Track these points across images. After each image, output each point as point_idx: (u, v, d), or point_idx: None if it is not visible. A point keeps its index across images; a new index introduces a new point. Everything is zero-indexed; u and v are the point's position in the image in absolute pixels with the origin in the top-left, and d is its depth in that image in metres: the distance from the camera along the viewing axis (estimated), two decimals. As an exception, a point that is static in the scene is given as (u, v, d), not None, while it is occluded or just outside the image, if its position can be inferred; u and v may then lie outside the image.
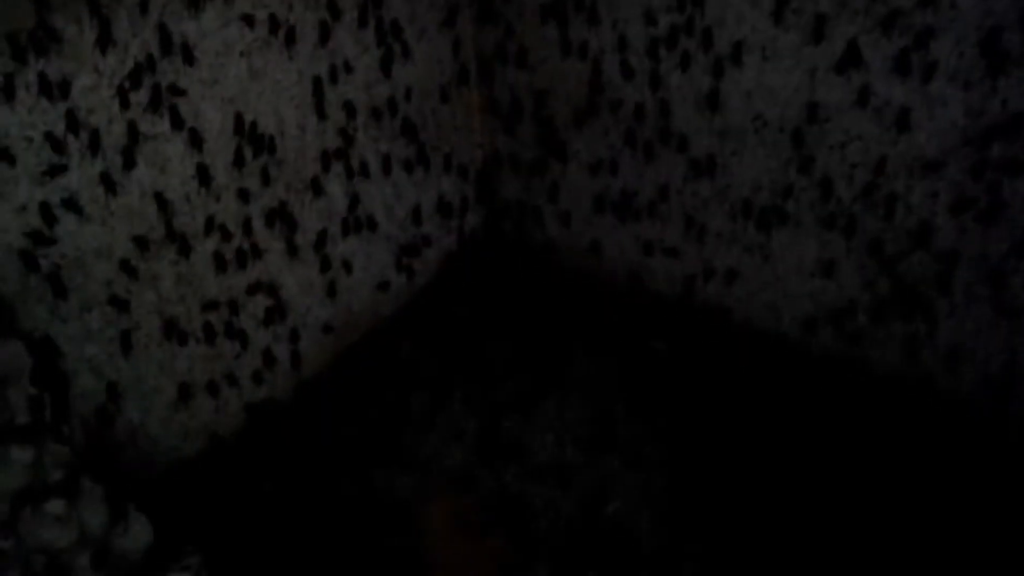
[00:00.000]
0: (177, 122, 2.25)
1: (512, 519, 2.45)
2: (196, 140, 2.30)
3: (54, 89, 1.98)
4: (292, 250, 2.63)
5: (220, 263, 2.44)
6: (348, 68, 2.63)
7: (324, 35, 2.52)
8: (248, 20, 2.31)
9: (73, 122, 2.03)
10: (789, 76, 2.40)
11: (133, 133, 2.15)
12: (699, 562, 2.30)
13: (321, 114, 2.60)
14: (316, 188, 2.65)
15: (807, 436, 2.59)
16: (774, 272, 2.70)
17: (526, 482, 2.55)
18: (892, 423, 2.59)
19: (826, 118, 2.39)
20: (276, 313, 2.62)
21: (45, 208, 2.01)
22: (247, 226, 2.47)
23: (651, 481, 2.50)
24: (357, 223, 2.81)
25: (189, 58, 2.22)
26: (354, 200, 2.78)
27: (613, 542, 2.38)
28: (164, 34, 2.14)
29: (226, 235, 2.43)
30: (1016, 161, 2.15)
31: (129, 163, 2.16)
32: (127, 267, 2.23)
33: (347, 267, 2.82)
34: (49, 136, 2.00)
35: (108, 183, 2.13)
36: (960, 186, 2.27)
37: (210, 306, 2.45)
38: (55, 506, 1.70)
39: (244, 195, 2.44)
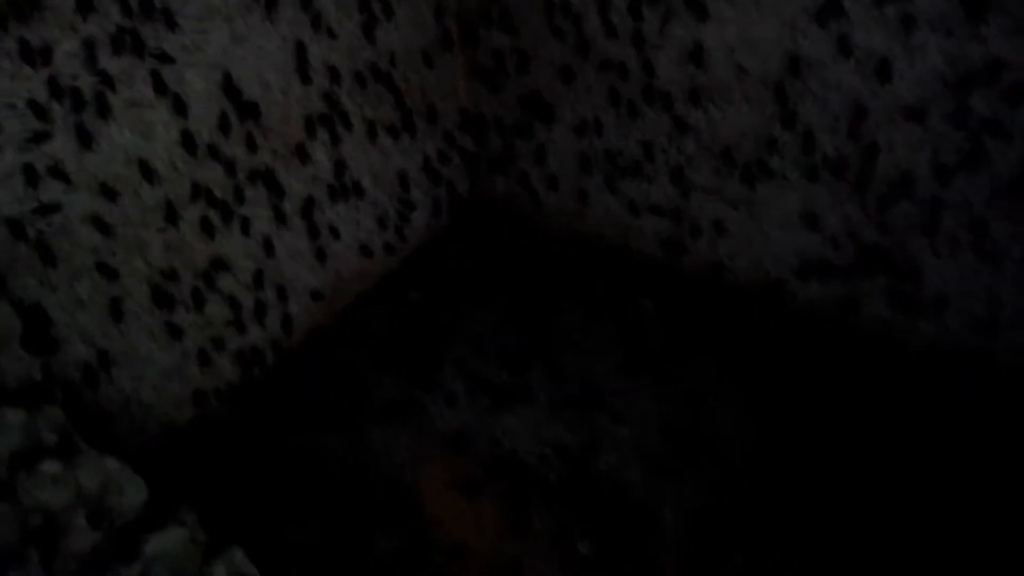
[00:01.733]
0: (160, 88, 2.25)
1: (506, 476, 2.48)
2: (180, 106, 2.30)
3: (36, 56, 1.98)
4: (280, 216, 2.64)
5: (208, 230, 2.44)
6: (331, 33, 2.63)
7: (306, 0, 2.51)
8: (228, -16, 2.31)
9: (56, 89, 2.03)
10: (770, 28, 2.41)
11: (116, 100, 2.15)
12: (686, 512, 2.34)
13: (305, 79, 2.60)
14: (302, 154, 2.66)
15: (794, 387, 2.63)
16: (759, 226, 2.72)
17: (518, 440, 2.58)
18: (880, 372, 2.62)
19: (808, 70, 2.40)
20: (265, 280, 2.63)
21: (30, 173, 2.02)
22: (233, 193, 2.48)
23: (640, 436, 2.53)
24: (344, 189, 2.82)
25: (171, 24, 2.22)
26: (340, 166, 2.78)
27: (604, 494, 2.41)
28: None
29: (213, 202, 2.43)
30: (995, 108, 2.17)
31: (112, 129, 2.16)
32: (114, 234, 2.23)
33: (335, 233, 2.83)
34: (32, 103, 2.00)
35: (92, 149, 2.13)
36: (942, 135, 2.29)
37: (200, 273, 2.46)
38: (50, 466, 1.72)
39: (230, 161, 2.45)
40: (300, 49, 2.55)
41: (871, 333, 2.65)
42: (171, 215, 2.35)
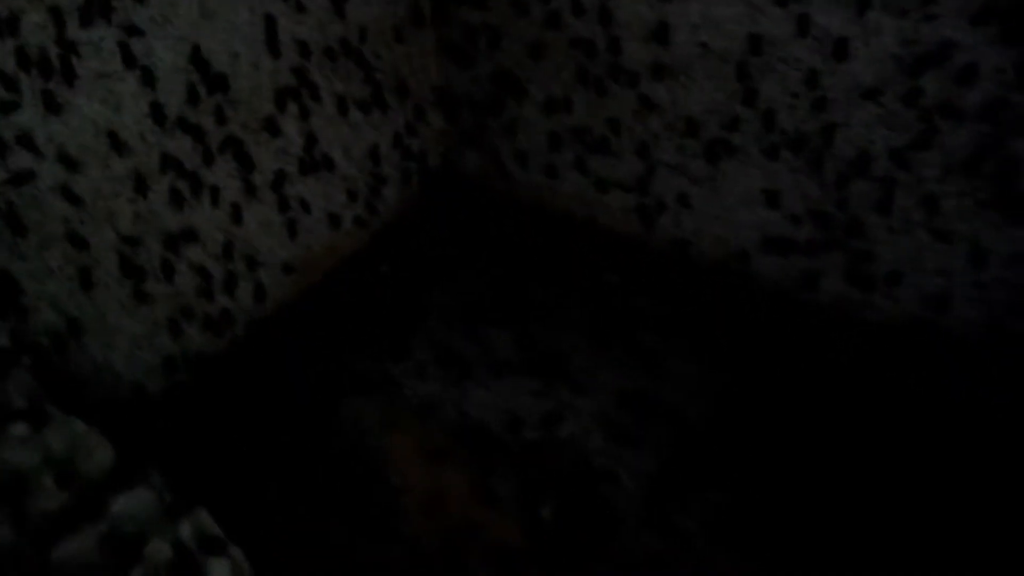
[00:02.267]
0: (129, 60, 2.27)
1: (472, 444, 2.54)
2: (149, 78, 2.33)
3: (3, 26, 2.00)
4: (250, 189, 2.67)
5: (177, 201, 2.47)
6: (300, 7, 2.65)
7: (274, -27, 2.54)
8: (197, -43, 2.33)
9: (24, 59, 2.05)
10: (732, 8, 2.45)
11: (84, 71, 2.17)
12: (645, 479, 2.41)
13: (275, 53, 2.62)
14: (272, 128, 2.69)
15: (753, 360, 2.70)
16: (722, 202, 2.78)
17: (485, 410, 2.64)
18: (837, 345, 2.70)
19: (769, 49, 2.45)
20: (235, 252, 2.67)
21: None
22: (203, 164, 2.51)
23: (602, 405, 2.60)
24: (314, 163, 2.85)
25: (139, -4, 2.24)
26: (310, 140, 2.82)
27: (566, 462, 2.48)
28: (112, -30, 2.16)
29: (182, 173, 2.46)
30: (946, 89, 2.23)
31: (80, 100, 2.19)
32: (83, 204, 2.26)
33: (305, 207, 2.87)
34: (0, 73, 2.02)
35: (60, 120, 2.15)
36: (896, 114, 2.35)
37: (169, 244, 2.49)
38: (19, 429, 1.76)
39: (199, 134, 2.47)
40: (270, 23, 2.57)
41: (829, 307, 2.72)
42: (140, 186, 2.38)
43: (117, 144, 2.30)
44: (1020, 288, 2.37)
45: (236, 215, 2.64)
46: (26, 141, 2.11)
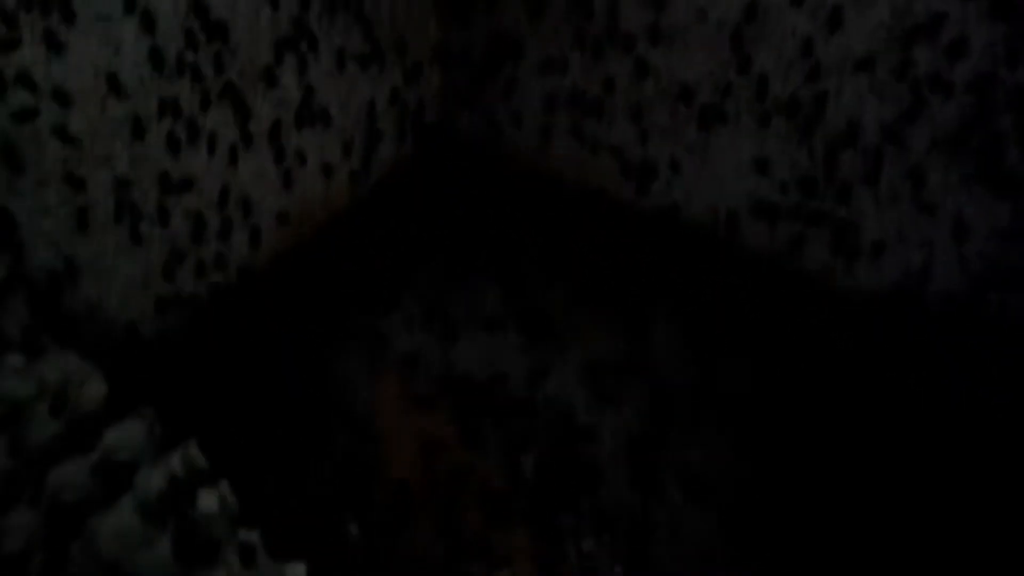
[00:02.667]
0: (130, 4, 2.28)
1: (458, 395, 2.59)
2: (149, 23, 2.34)
3: (4, -37, 2.02)
4: (246, 138, 2.69)
5: (174, 146, 2.50)
6: (302, -42, 2.67)
7: (277, -78, 2.55)
8: (199, -98, 2.34)
9: (24, -3, 2.07)
10: (730, -25, 2.48)
11: (84, 12, 2.19)
12: (626, 434, 2.47)
13: (274, 4, 2.63)
14: (270, 78, 2.70)
15: (738, 325, 2.75)
16: (713, 169, 2.82)
17: (471, 362, 2.69)
18: (820, 313, 2.75)
19: (764, 17, 2.48)
20: (231, 199, 2.70)
21: (-1, 80, 2.07)
22: (200, 111, 2.53)
23: (587, 364, 2.65)
24: (311, 115, 2.87)
25: (140, -61, 2.25)
26: (308, 92, 2.84)
27: (551, 418, 2.53)
28: (114, -88, 2.17)
29: (179, 119, 2.49)
30: (936, 62, 2.27)
31: (80, 41, 2.20)
32: (81, 145, 2.29)
33: (301, 158, 2.89)
34: (0, 10, 2.04)
35: (61, 60, 2.17)
36: (887, 86, 2.38)
37: (165, 188, 2.52)
38: (14, 360, 1.80)
39: (197, 80, 2.49)
40: (271, -28, 2.58)
41: (813, 276, 2.77)
42: (138, 129, 2.40)
43: (116, 87, 2.32)
44: (1000, 262, 2.42)
45: (232, 163, 2.67)
46: (25, 79, 2.12)
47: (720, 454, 2.47)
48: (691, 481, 2.42)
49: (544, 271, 2.98)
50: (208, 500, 1.80)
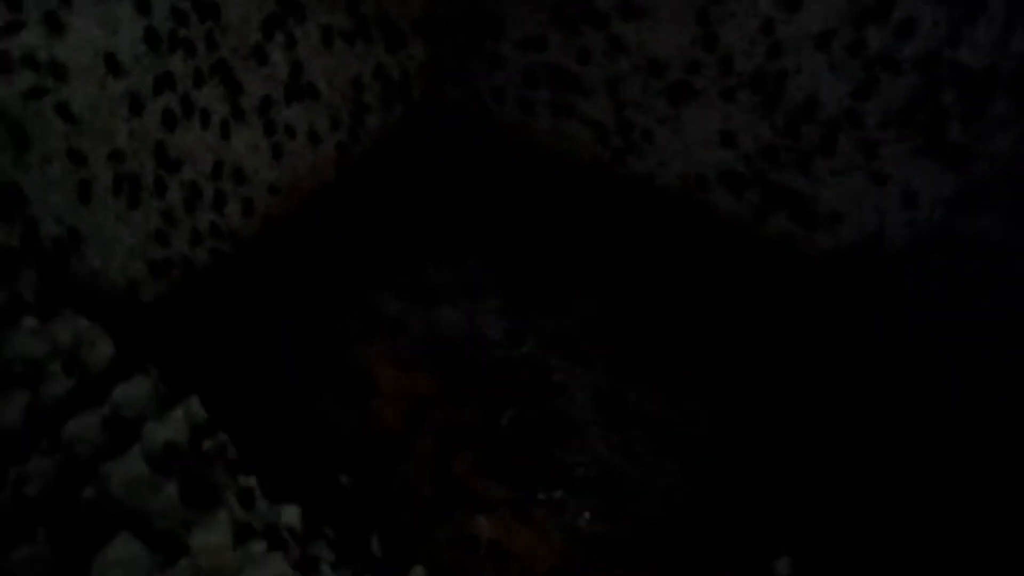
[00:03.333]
0: (126, -14, 2.41)
1: (440, 356, 2.77)
2: (144, 5, 2.47)
3: (8, -51, 2.14)
4: (238, 113, 2.83)
5: (170, 122, 2.64)
6: (289, -61, 2.79)
7: (264, -94, 2.66)
8: None
9: (28, -18, 2.20)
10: (696, -43, 2.61)
11: (84, -5, 2.32)
12: (605, 394, 2.65)
13: (263, -17, 2.76)
14: (259, 55, 2.84)
15: (706, 288, 2.92)
16: (684, 140, 2.97)
17: (454, 327, 2.86)
18: (782, 277, 2.92)
19: (728, -2, 2.62)
20: (224, 171, 2.84)
21: (5, 60, 2.20)
22: (194, 87, 2.67)
23: (561, 325, 2.82)
24: (299, 90, 3.01)
25: (135, -76, 2.37)
26: (296, 68, 2.97)
27: (527, 376, 2.71)
28: (110, -101, 2.29)
29: (174, 95, 2.62)
30: (886, 41, 2.41)
31: (80, 23, 2.33)
32: (82, 121, 2.42)
33: (290, 132, 3.03)
34: (6, -6, 2.17)
35: (62, 41, 2.31)
36: (842, 64, 2.53)
37: (162, 162, 2.66)
38: (29, 322, 1.96)
39: (191, 58, 2.63)
40: (259, -46, 2.70)
41: (775, 242, 2.94)
42: (135, 106, 2.54)
43: (114, 66, 2.45)
44: (946, 228, 2.59)
45: (224, 137, 2.81)
46: (30, 60, 2.26)
47: (689, 412, 2.65)
48: (658, 436, 2.60)
49: (524, 238, 3.14)
50: (209, 448, 1.97)
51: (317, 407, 2.64)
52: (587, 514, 2.41)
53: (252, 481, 1.94)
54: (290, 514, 1.95)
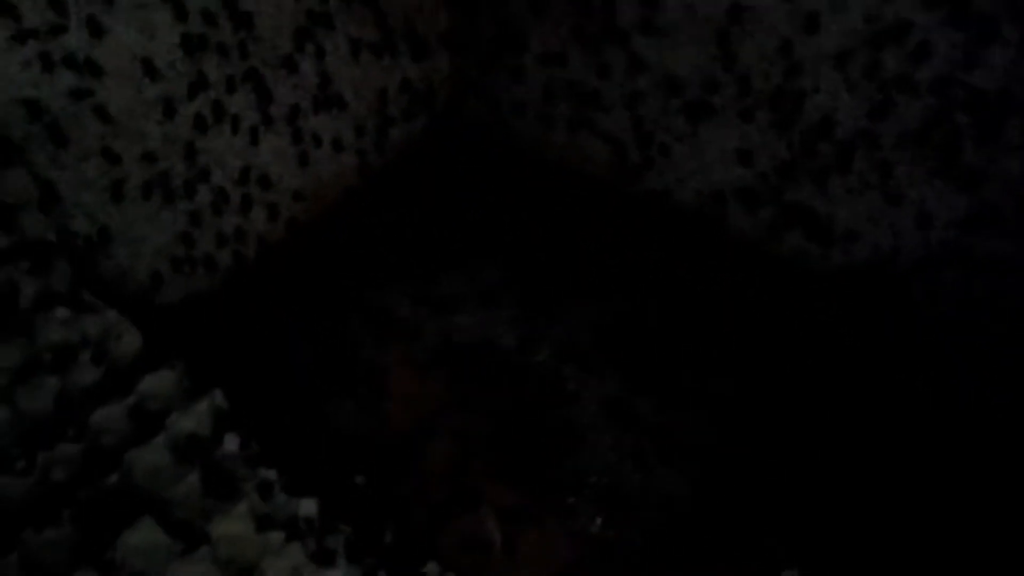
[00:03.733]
0: (164, -6, 2.50)
1: (454, 363, 2.81)
2: (181, 12, 2.55)
3: (54, -44, 2.23)
4: (267, 120, 2.91)
5: (201, 126, 2.72)
6: (321, -46, 2.87)
7: (299, -79, 2.75)
8: (229, -98, 2.55)
9: (71, -13, 2.28)
10: (717, -21, 2.68)
11: (123, 1, 2.40)
12: (616, 403, 2.69)
13: (296, -5, 2.85)
14: (290, 65, 2.92)
15: (719, 304, 2.96)
16: (701, 158, 3.02)
17: (468, 334, 2.91)
18: (798, 293, 2.96)
19: (747, 18, 2.67)
20: (251, 176, 2.92)
21: (47, 61, 2.28)
22: (226, 93, 2.75)
23: (575, 334, 2.87)
24: (327, 100, 3.09)
25: (175, -65, 2.46)
26: (324, 79, 3.05)
27: (538, 385, 2.75)
28: (153, -89, 2.38)
29: (206, 101, 2.70)
30: (902, 64, 2.46)
31: (119, 27, 2.42)
32: (118, 123, 2.50)
33: (317, 141, 3.11)
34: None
35: (101, 44, 2.39)
36: (858, 85, 2.58)
37: (191, 164, 2.74)
38: (61, 312, 2.03)
39: (224, 65, 2.71)
40: (293, -33, 2.79)
41: (790, 259, 2.98)
42: (169, 110, 2.62)
43: (150, 70, 2.53)
44: (959, 249, 2.62)
45: (253, 142, 2.88)
46: (71, 62, 2.34)
47: (700, 422, 2.68)
48: (668, 445, 2.64)
49: (540, 249, 3.19)
50: (231, 442, 2.02)
51: (331, 409, 2.69)
52: (598, 520, 2.45)
53: (272, 474, 1.99)
54: (308, 507, 2.00)
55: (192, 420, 2.00)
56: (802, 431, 2.62)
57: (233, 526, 1.88)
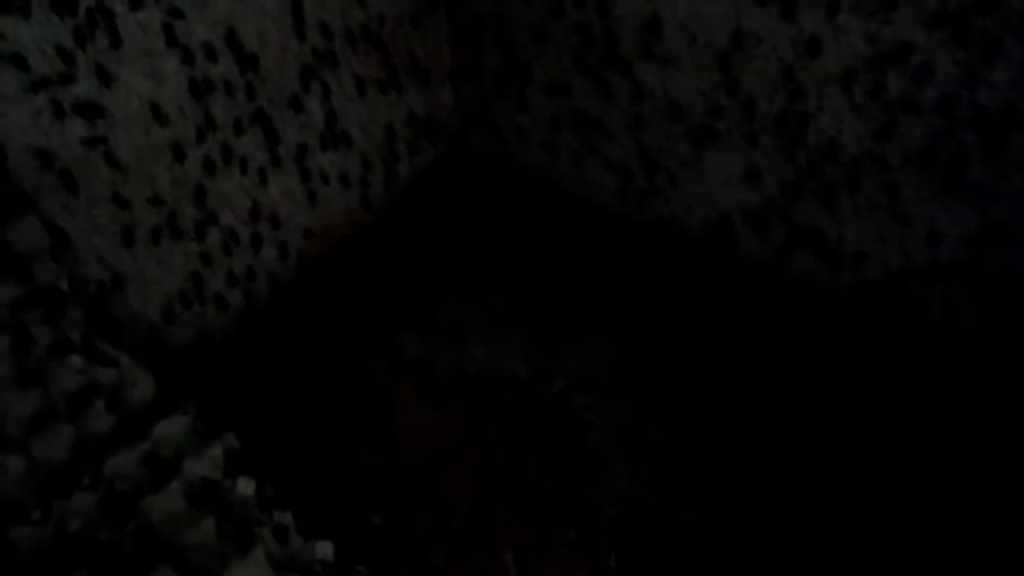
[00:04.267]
0: (172, 40, 2.53)
1: (468, 395, 2.81)
2: (188, 57, 2.59)
3: (64, 7, 2.26)
4: (275, 160, 2.93)
5: (210, 168, 2.74)
6: (325, -6, 2.91)
7: (302, -37, 2.79)
8: (233, -52, 2.58)
9: (80, 37, 2.31)
10: (718, 6, 2.69)
11: (131, 48, 2.43)
12: (631, 431, 2.67)
13: (301, 36, 2.87)
14: (296, 105, 2.94)
15: (730, 329, 2.95)
16: (707, 184, 3.02)
17: (481, 366, 2.90)
18: (807, 315, 2.95)
19: (749, 44, 2.68)
20: (261, 216, 2.93)
21: (58, 109, 2.31)
22: (234, 135, 2.77)
23: (587, 363, 2.86)
24: (334, 138, 3.11)
25: (180, -18, 2.50)
26: (331, 117, 3.07)
27: (557, 413, 2.74)
28: (158, -40, 2.42)
29: (215, 144, 2.73)
30: (905, 85, 2.46)
31: (127, 74, 2.45)
32: (127, 168, 2.53)
33: (325, 178, 3.13)
34: (59, 49, 2.28)
35: (110, 92, 2.42)
36: (862, 107, 2.58)
37: (202, 207, 2.76)
38: (75, 360, 2.04)
39: (231, 108, 2.73)
40: (296, 8, 2.82)
41: (801, 281, 2.97)
42: (178, 153, 2.64)
43: (159, 115, 2.56)
44: (969, 267, 2.61)
45: (262, 183, 2.90)
46: (81, 109, 2.37)
47: (713, 446, 2.66)
48: (682, 475, 2.62)
49: (549, 279, 3.19)
50: (246, 486, 2.02)
51: (346, 444, 2.69)
52: (613, 556, 2.43)
53: (287, 517, 1.98)
54: (324, 549, 1.99)
55: (206, 465, 2.00)
56: (819, 455, 2.60)
57: (250, 571, 1.88)
